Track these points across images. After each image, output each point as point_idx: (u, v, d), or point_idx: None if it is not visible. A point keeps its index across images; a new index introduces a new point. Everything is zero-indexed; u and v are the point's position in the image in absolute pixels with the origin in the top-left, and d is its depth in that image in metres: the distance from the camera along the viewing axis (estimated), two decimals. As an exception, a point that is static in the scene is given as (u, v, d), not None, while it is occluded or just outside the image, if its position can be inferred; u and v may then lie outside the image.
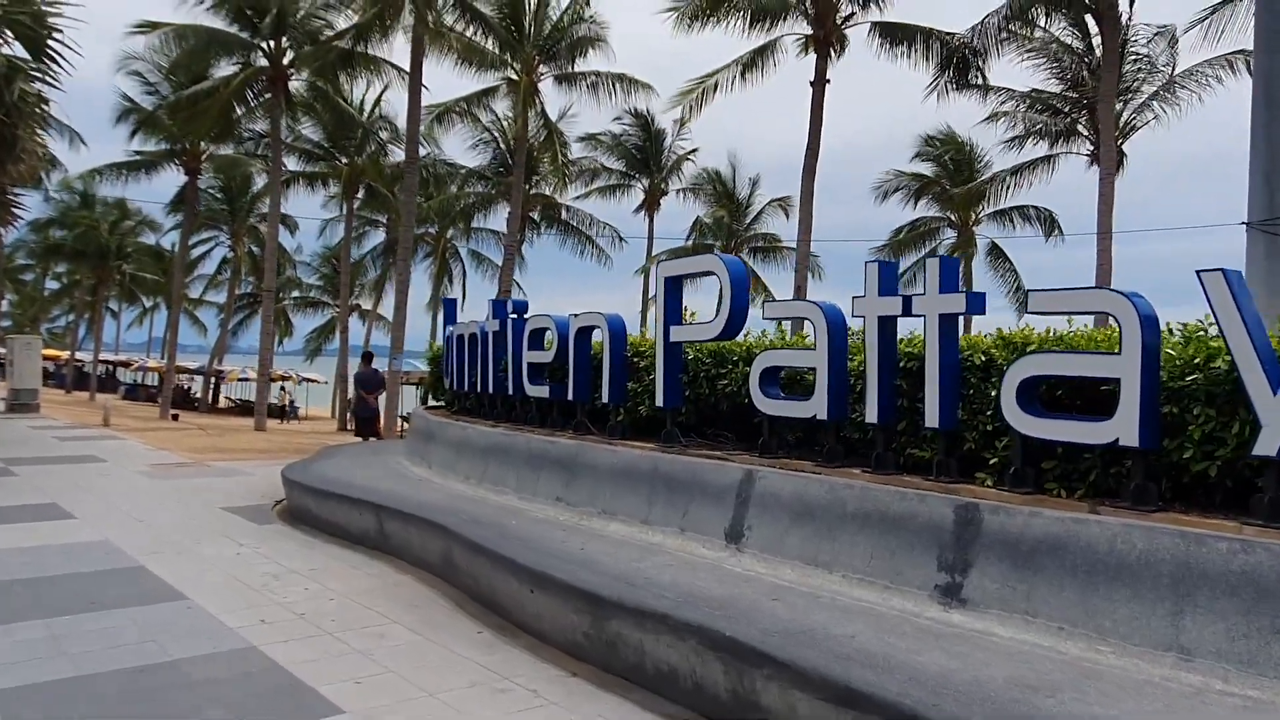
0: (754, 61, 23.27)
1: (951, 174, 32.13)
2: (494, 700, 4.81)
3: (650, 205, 38.59)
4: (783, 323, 7.46)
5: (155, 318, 64.72)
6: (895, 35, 21.79)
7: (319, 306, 56.57)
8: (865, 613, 4.80)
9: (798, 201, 22.09)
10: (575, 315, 8.58)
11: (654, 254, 38.67)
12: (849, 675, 3.85)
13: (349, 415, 16.36)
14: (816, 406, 6.08)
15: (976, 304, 5.37)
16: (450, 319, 12.32)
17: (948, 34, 21.71)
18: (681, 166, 39.16)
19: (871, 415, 5.78)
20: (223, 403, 50.99)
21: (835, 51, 22.25)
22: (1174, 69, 24.49)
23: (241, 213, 45.59)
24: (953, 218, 32.83)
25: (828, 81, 22.00)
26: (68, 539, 8.79)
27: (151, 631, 5.92)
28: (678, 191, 39.69)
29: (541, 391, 9.04)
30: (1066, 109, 27.16)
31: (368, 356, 16.29)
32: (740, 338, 7.19)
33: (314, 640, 5.80)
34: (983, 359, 5.42)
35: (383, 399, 17.16)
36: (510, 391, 9.58)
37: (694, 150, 39.00)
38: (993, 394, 5.19)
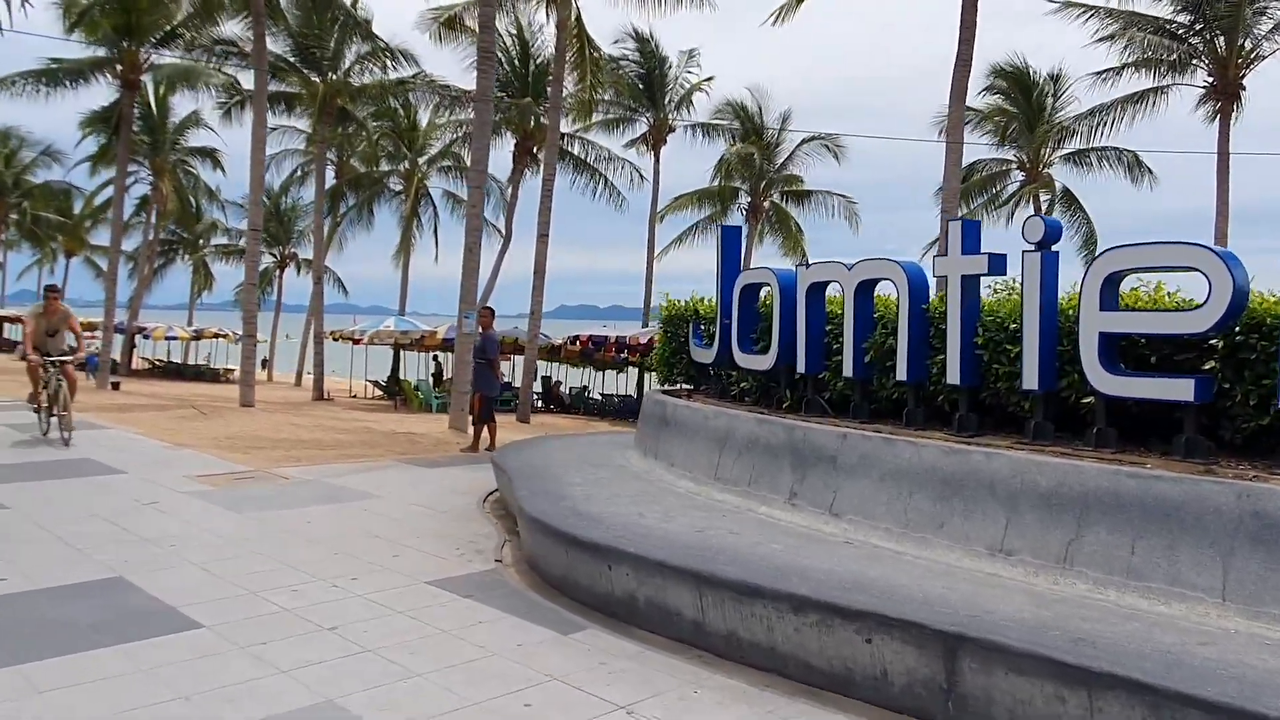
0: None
1: (1025, 111, 28.53)
2: None
3: (656, 143, 33.76)
4: None
5: (55, 266, 56.99)
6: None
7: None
8: None
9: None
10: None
11: (664, 198, 34.17)
12: None
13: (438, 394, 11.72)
14: None
15: None
16: (733, 260, 7.88)
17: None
18: (692, 99, 34.51)
19: None
20: (137, 363, 44.43)
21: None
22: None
23: (165, 145, 38.94)
24: (1024, 159, 29.28)
25: (984, -22, 17.90)
26: (247, 708, 4.14)
27: None
28: (687, 127, 35.05)
29: (1160, 388, 4.77)
30: (1185, 33, 24.00)
31: (488, 312, 11.36)
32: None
33: None
34: None
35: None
36: (1026, 383, 5.29)
37: (709, 79, 34.37)
38: None
